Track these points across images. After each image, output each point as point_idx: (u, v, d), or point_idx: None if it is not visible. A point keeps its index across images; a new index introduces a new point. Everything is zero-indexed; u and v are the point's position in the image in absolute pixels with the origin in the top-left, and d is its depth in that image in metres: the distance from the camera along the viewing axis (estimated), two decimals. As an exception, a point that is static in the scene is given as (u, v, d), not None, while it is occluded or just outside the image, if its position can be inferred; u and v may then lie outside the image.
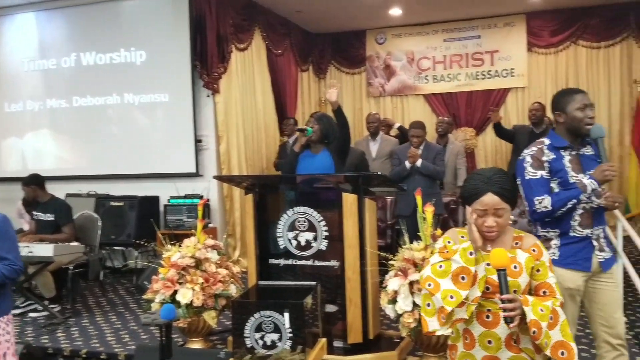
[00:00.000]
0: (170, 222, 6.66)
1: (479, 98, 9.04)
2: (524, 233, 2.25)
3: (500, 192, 2.12)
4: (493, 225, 2.12)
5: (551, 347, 2.05)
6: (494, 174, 2.16)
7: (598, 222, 2.88)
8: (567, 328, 2.09)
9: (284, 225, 4.10)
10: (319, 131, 4.52)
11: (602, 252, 2.88)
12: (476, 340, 2.17)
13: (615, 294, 2.91)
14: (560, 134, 2.96)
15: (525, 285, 2.14)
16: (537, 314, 2.02)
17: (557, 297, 2.14)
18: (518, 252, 2.17)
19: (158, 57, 7.07)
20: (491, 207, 2.12)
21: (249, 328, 2.84)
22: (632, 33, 8.30)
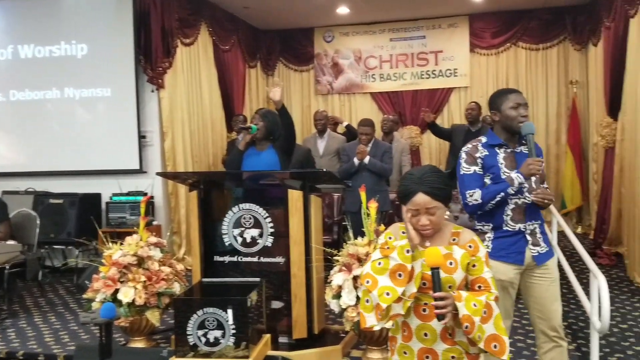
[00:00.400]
0: (112, 220, 6.51)
1: (423, 97, 9.21)
2: (462, 228, 2.29)
3: (430, 192, 2.15)
4: (426, 224, 2.17)
5: (485, 340, 2.11)
6: (424, 174, 2.19)
7: (531, 217, 2.97)
8: (500, 322, 2.16)
9: (229, 222, 4.08)
10: (264, 128, 4.49)
11: (536, 246, 2.98)
12: (413, 332, 2.23)
13: (551, 288, 3.01)
14: (497, 132, 3.06)
15: (461, 281, 2.19)
16: (470, 309, 2.08)
17: (492, 292, 2.20)
18: (455, 248, 2.22)
19: (100, 51, 6.89)
20: (423, 206, 2.15)
21: (191, 325, 2.82)
22: (568, 36, 8.63)
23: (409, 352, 2.26)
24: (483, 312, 2.10)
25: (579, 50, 8.55)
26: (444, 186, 2.18)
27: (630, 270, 5.92)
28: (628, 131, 6.00)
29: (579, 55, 8.57)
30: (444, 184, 2.18)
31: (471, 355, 2.22)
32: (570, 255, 6.49)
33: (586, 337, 4.20)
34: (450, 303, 2.05)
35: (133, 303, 3.95)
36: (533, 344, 4.27)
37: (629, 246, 6.01)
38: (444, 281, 2.14)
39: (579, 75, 8.54)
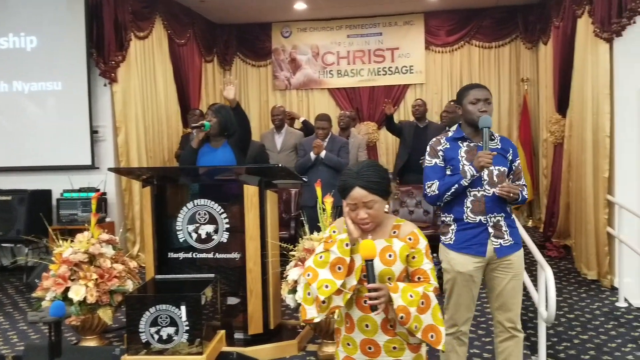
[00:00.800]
0: (63, 217, 6.37)
1: (380, 93, 9.29)
2: (404, 221, 2.33)
3: (367, 186, 2.19)
4: (365, 217, 2.21)
5: (422, 331, 2.16)
6: (362, 168, 2.23)
7: (492, 210, 3.03)
8: (438, 312, 2.21)
9: (183, 218, 4.05)
10: (217, 124, 4.45)
11: (499, 239, 3.04)
12: (355, 324, 2.27)
13: (513, 282, 3.09)
14: (462, 127, 3.15)
15: (400, 273, 2.24)
16: (406, 300, 2.12)
17: (431, 283, 2.24)
18: (394, 240, 2.26)
19: (50, 44, 6.72)
20: (360, 200, 2.19)
21: (144, 323, 2.79)
22: (520, 35, 8.85)
23: (352, 344, 2.30)
24: (420, 303, 2.14)
25: (530, 49, 8.77)
26: (380, 180, 2.22)
27: (578, 262, 6.12)
28: (575, 127, 6.18)
29: (530, 53, 8.79)
30: (380, 177, 2.22)
31: (412, 345, 2.27)
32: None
33: (535, 328, 4.32)
34: (383, 294, 2.09)
35: (84, 301, 3.89)
36: (484, 334, 4.39)
37: (576, 239, 6.21)
38: (383, 273, 2.19)
39: (530, 73, 8.77)
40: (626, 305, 5.04)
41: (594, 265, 5.67)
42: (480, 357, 4.02)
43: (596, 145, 5.51)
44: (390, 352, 2.25)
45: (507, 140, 3.19)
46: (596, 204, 5.52)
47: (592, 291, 5.46)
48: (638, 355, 4.01)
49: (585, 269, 5.83)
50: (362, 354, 2.28)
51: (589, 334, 4.43)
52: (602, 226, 5.45)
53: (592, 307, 5.04)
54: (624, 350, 4.10)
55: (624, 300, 5.09)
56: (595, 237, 5.56)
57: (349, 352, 2.32)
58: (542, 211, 8.15)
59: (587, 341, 4.29)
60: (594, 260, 5.65)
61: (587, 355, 4.04)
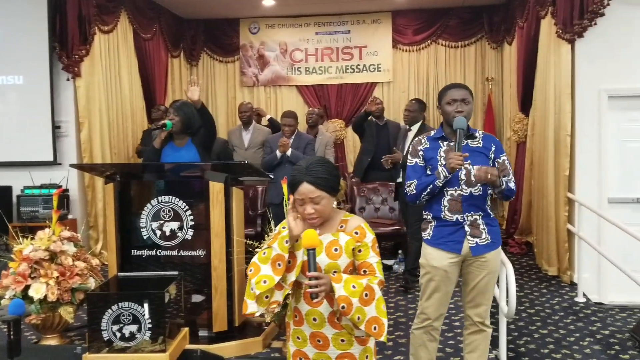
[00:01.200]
0: (24, 213, 6.24)
1: (348, 91, 9.33)
2: (352, 216, 2.37)
3: (314, 182, 2.22)
4: (312, 212, 2.24)
5: (365, 323, 2.19)
6: (310, 164, 2.26)
7: (469, 209, 3.08)
8: (382, 305, 2.25)
9: (147, 215, 4.00)
10: (179, 122, 4.39)
11: (475, 237, 3.10)
12: (304, 317, 2.31)
13: (486, 279, 3.15)
14: (443, 126, 3.21)
15: (346, 266, 2.28)
16: (349, 291, 2.15)
17: (376, 276, 2.28)
18: (340, 235, 2.30)
19: (11, 36, 6.58)
20: (307, 195, 2.23)
21: (106, 321, 2.75)
22: (485, 35, 8.97)
23: (301, 337, 2.34)
24: (364, 295, 2.17)
25: (494, 49, 8.92)
26: (328, 176, 2.25)
27: (539, 258, 6.25)
28: (538, 126, 6.30)
29: (495, 53, 8.93)
30: (328, 174, 2.26)
31: (360, 338, 2.32)
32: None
33: (496, 323, 4.40)
34: (324, 283, 2.11)
35: (45, 299, 3.83)
36: (454, 326, 4.45)
37: (538, 236, 6.34)
38: (329, 267, 2.24)
39: (495, 73, 8.92)
40: (584, 301, 5.17)
41: (554, 262, 5.79)
42: (450, 348, 4.08)
43: (557, 144, 5.63)
44: (339, 345, 2.30)
45: (490, 138, 3.19)
46: (557, 202, 5.64)
47: (552, 287, 5.58)
48: (595, 349, 4.13)
49: (546, 265, 5.96)
50: (312, 346, 2.32)
51: (548, 328, 4.54)
52: (563, 223, 5.57)
53: (552, 302, 5.15)
54: (582, 344, 4.21)
55: (583, 296, 5.23)
56: (556, 234, 5.69)
57: (299, 345, 2.35)
58: (504, 208, 8.29)
59: (547, 335, 4.39)
60: (555, 257, 5.78)
61: (547, 349, 4.14)
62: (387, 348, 4.15)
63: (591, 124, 5.42)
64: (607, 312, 4.93)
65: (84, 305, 4.10)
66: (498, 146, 3.15)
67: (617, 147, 5.45)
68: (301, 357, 2.35)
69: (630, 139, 5.44)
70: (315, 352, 2.32)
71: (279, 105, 9.44)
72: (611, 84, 5.36)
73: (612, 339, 4.32)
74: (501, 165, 3.10)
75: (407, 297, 5.36)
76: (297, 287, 2.32)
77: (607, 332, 4.45)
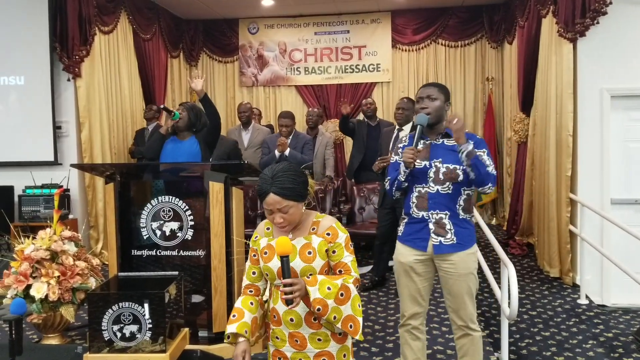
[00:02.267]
0: (25, 213, 6.23)
1: (347, 91, 9.32)
2: (324, 217, 2.38)
3: (280, 192, 2.20)
4: (281, 222, 2.25)
5: (342, 321, 2.22)
6: (276, 173, 2.23)
7: (435, 207, 3.08)
8: (357, 303, 2.27)
9: (147, 215, 3.98)
10: (186, 118, 4.45)
11: (439, 236, 3.08)
12: (281, 318, 2.33)
13: (458, 283, 3.11)
14: None
15: (321, 267, 2.29)
16: (324, 293, 2.17)
17: (352, 275, 2.31)
18: (313, 237, 2.31)
19: (13, 37, 6.57)
20: (274, 206, 2.22)
21: (106, 320, 2.74)
22: (485, 34, 8.96)
23: (280, 337, 2.36)
24: (340, 295, 2.20)
25: (495, 49, 8.90)
26: (294, 185, 2.23)
27: (540, 259, 6.23)
28: (539, 126, 6.29)
29: (495, 53, 8.92)
30: (294, 182, 2.24)
31: (338, 336, 2.34)
32: (485, 245, 6.77)
33: (498, 325, 4.40)
34: (298, 288, 2.13)
35: (46, 299, 3.81)
36: (447, 331, 4.43)
37: (539, 237, 6.32)
38: (304, 270, 2.26)
39: (495, 73, 8.90)
40: (587, 303, 5.15)
41: (556, 263, 5.77)
42: (452, 350, 4.06)
43: (559, 144, 5.62)
44: (316, 344, 2.31)
45: (469, 136, 3.08)
46: (559, 202, 5.62)
47: (554, 288, 5.56)
48: (598, 351, 4.11)
49: (548, 267, 5.94)
50: (290, 346, 2.34)
51: (550, 330, 4.52)
52: (564, 224, 5.55)
53: (554, 304, 5.13)
54: (584, 346, 4.19)
55: (585, 298, 5.20)
56: (558, 235, 5.67)
57: (277, 345, 2.37)
58: (505, 209, 8.28)
59: (549, 338, 4.37)
60: (556, 258, 5.76)
61: (549, 351, 4.12)
62: (379, 347, 4.14)
63: (593, 123, 5.41)
64: (610, 315, 4.90)
65: (85, 305, 4.08)
66: (477, 142, 3.04)
67: (620, 148, 5.42)
68: (280, 357, 2.37)
69: (633, 139, 5.40)
70: (294, 352, 2.34)
71: (278, 105, 9.44)
72: (614, 84, 5.34)
73: (615, 341, 4.30)
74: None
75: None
76: (275, 288, 2.35)
77: (610, 335, 4.43)
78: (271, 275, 2.32)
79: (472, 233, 3.16)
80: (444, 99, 3.15)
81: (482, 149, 3.03)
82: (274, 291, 2.35)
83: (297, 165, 2.36)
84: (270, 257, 2.31)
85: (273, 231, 2.38)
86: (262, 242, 2.37)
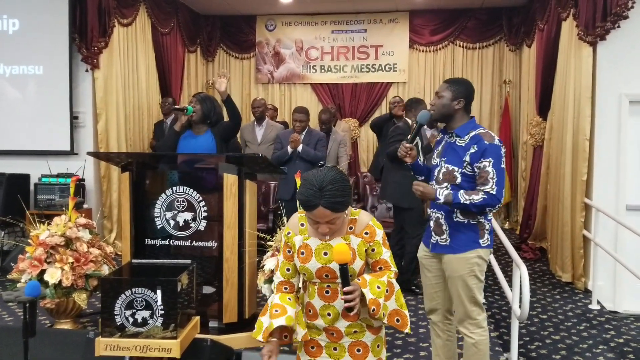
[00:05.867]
0: (40, 201, 6.29)
1: (363, 90, 9.33)
2: (360, 213, 2.31)
3: (330, 207, 2.10)
4: (327, 231, 2.21)
5: (388, 316, 2.21)
6: (325, 185, 2.10)
7: (434, 206, 3.13)
8: (401, 297, 2.27)
9: (161, 205, 4.01)
10: (200, 111, 4.44)
11: (437, 235, 3.12)
12: (318, 312, 2.31)
13: (449, 282, 3.11)
14: None
15: (360, 268, 2.27)
16: (375, 292, 2.15)
17: (392, 270, 2.29)
18: (352, 237, 2.26)
19: (33, 27, 6.64)
20: (322, 219, 2.14)
21: (119, 306, 2.76)
22: (504, 37, 8.92)
23: (314, 329, 2.34)
24: (386, 292, 2.19)
25: (513, 51, 8.86)
26: (344, 198, 2.13)
27: (553, 264, 6.19)
28: (556, 130, 6.24)
29: (513, 56, 8.87)
30: (344, 194, 2.13)
31: (373, 328, 2.33)
32: (497, 248, 6.73)
33: (508, 327, 4.38)
34: (358, 294, 2.11)
35: (59, 284, 3.85)
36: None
37: (552, 241, 6.28)
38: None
39: (512, 76, 8.86)
40: (599, 308, 5.11)
41: (568, 268, 5.73)
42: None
43: (576, 148, 5.58)
44: (352, 335, 2.30)
45: (477, 139, 2.96)
46: (573, 207, 5.58)
47: (565, 293, 5.52)
48: (609, 357, 4.07)
49: (560, 271, 5.90)
50: (325, 337, 2.33)
51: (561, 334, 4.49)
52: (579, 229, 5.51)
53: (565, 308, 5.10)
54: (595, 351, 4.16)
55: (597, 303, 5.16)
56: (571, 239, 5.63)
57: (312, 335, 2.35)
58: (519, 213, 8.23)
59: (559, 341, 4.35)
60: (569, 263, 5.71)
61: (559, 355, 4.09)
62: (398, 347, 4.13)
63: (611, 128, 5.37)
64: (622, 321, 4.86)
65: (97, 293, 4.13)
66: (483, 150, 2.91)
67: (637, 153, 5.37)
68: (313, 346, 2.35)
69: (650, 145, 5.35)
70: (328, 342, 2.33)
71: (293, 102, 9.46)
72: (633, 89, 5.30)
73: (626, 347, 4.26)
74: (481, 172, 2.91)
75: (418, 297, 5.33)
76: (310, 283, 2.32)
77: (621, 341, 4.39)
78: (309, 275, 2.26)
79: (471, 238, 3.04)
80: (453, 95, 3.04)
81: (487, 159, 2.90)
82: (309, 286, 2.31)
83: (342, 173, 2.22)
84: (307, 258, 2.25)
85: (307, 229, 2.30)
86: (297, 241, 2.29)
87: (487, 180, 2.89)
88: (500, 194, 2.90)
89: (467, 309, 3.06)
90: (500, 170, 2.91)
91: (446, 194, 2.93)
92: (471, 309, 3.06)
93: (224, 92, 4.40)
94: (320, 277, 2.25)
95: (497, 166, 2.90)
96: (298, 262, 2.28)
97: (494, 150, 2.92)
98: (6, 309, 4.71)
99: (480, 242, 3.04)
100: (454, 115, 3.08)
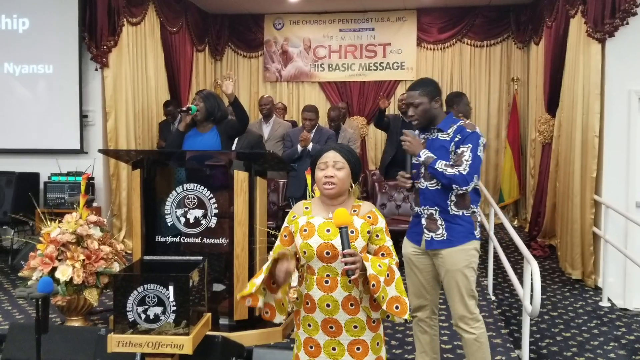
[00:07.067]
0: (50, 200, 6.33)
1: (370, 88, 9.32)
2: (363, 202, 2.46)
3: (340, 151, 2.39)
4: (331, 175, 2.34)
5: (387, 302, 2.23)
6: (340, 144, 2.52)
7: (425, 202, 3.13)
8: (401, 285, 2.29)
9: (172, 202, 4.02)
10: (204, 109, 4.44)
11: (430, 232, 3.11)
12: (316, 304, 2.33)
13: (447, 279, 3.11)
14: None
15: (362, 248, 2.32)
16: (376, 269, 2.21)
17: (394, 258, 2.35)
18: (355, 218, 2.35)
19: (43, 26, 6.68)
20: (331, 159, 2.36)
21: (131, 302, 2.77)
22: (512, 34, 8.89)
23: (312, 324, 2.36)
24: (387, 274, 2.23)
25: (521, 49, 8.82)
26: (353, 156, 2.41)
27: (562, 261, 6.17)
28: (564, 127, 6.22)
29: (521, 53, 8.84)
30: (352, 154, 2.41)
31: (372, 324, 2.36)
32: (506, 246, 6.73)
33: (518, 324, 4.38)
34: (359, 260, 2.17)
35: (71, 282, 3.87)
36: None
37: (561, 238, 6.25)
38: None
39: (521, 73, 8.83)
40: (609, 305, 5.10)
41: (578, 265, 5.72)
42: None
43: (585, 145, 5.56)
44: (351, 331, 2.32)
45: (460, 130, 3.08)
46: (583, 204, 5.57)
47: (575, 290, 5.51)
48: (620, 353, 4.07)
49: (570, 269, 5.88)
50: (324, 333, 2.34)
51: (571, 331, 4.49)
52: (588, 226, 5.50)
53: (576, 305, 5.09)
54: (605, 348, 4.16)
55: (607, 300, 5.15)
56: (581, 237, 5.61)
57: (310, 333, 2.37)
58: (528, 211, 8.20)
59: (570, 338, 4.35)
60: (579, 260, 5.70)
61: (570, 352, 4.09)
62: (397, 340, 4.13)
63: (620, 125, 5.35)
64: (632, 318, 4.85)
65: (108, 290, 4.15)
66: (464, 137, 3.03)
67: (647, 150, 5.35)
68: (312, 345, 2.36)
69: (660, 141, 5.33)
70: (327, 339, 2.34)
71: (301, 101, 9.45)
72: (642, 85, 5.27)
73: (637, 344, 4.26)
74: (458, 155, 3.01)
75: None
76: (309, 274, 2.35)
77: (632, 338, 4.38)
78: (309, 253, 2.31)
79: (468, 230, 3.09)
80: (429, 98, 3.10)
81: (466, 145, 3.00)
82: (307, 277, 2.35)
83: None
84: (310, 235, 2.32)
85: (312, 209, 2.43)
86: (301, 221, 2.39)
87: (461, 162, 2.98)
88: (471, 178, 2.97)
89: (466, 303, 3.08)
90: (477, 158, 3.00)
91: (428, 155, 3.03)
92: (469, 302, 3.09)
93: (231, 94, 4.42)
94: (320, 255, 2.29)
95: (474, 152, 3.00)
96: (300, 240, 2.34)
97: (474, 137, 3.04)
98: (17, 307, 4.75)
99: (474, 234, 3.12)
100: (437, 115, 3.15)
